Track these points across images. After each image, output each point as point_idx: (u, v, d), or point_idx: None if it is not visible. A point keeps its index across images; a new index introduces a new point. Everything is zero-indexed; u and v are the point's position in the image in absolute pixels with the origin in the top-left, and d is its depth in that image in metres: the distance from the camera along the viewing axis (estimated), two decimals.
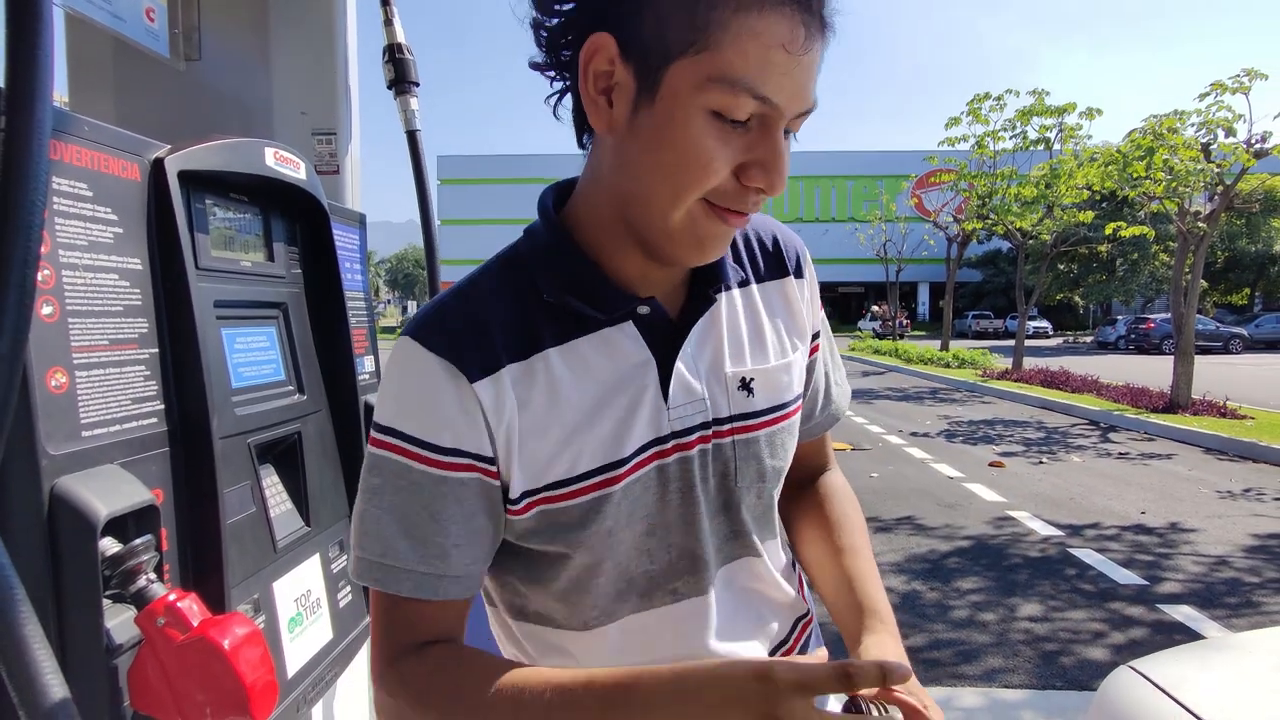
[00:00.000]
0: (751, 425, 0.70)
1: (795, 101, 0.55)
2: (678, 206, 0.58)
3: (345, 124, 1.44)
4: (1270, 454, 7.12)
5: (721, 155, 0.55)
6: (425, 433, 0.60)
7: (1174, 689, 0.83)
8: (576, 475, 0.62)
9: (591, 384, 0.63)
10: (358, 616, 1.22)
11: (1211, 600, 3.69)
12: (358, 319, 1.36)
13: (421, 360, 0.60)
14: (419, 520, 0.60)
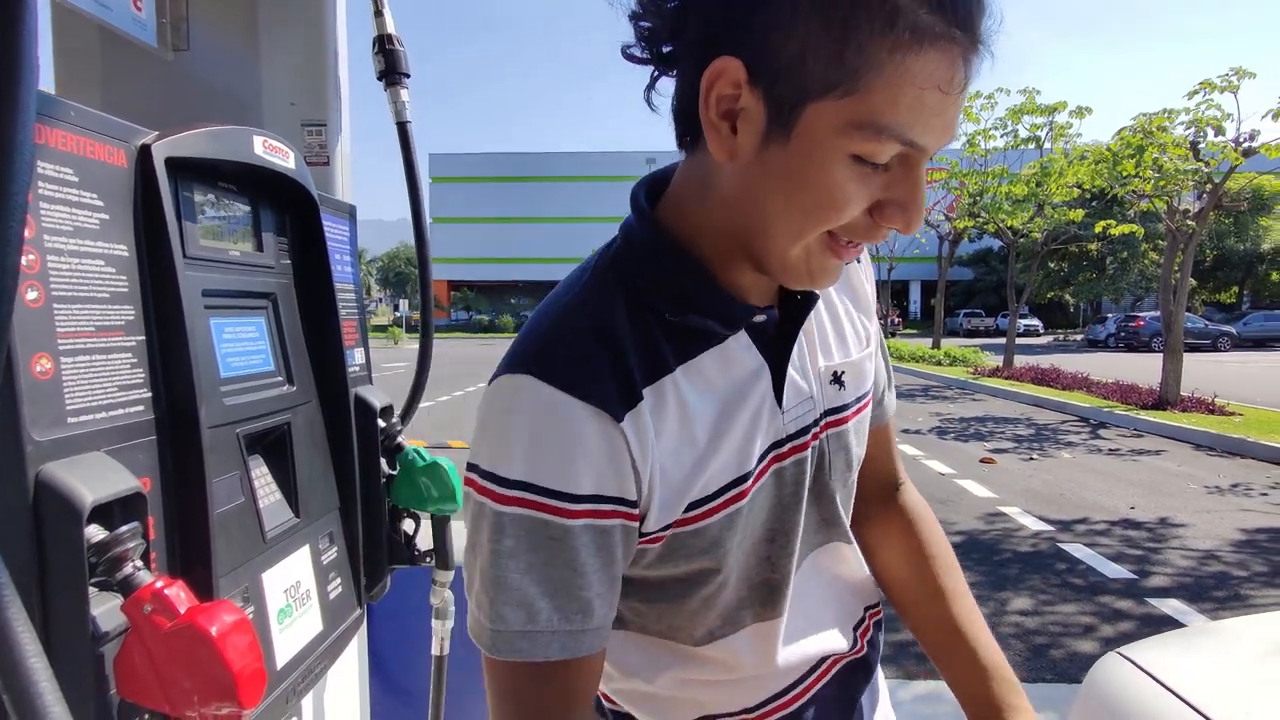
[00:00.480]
0: (843, 418, 0.69)
1: (943, 139, 0.51)
2: (800, 242, 0.55)
3: (335, 115, 1.44)
4: (1258, 450, 7.18)
5: (859, 196, 0.52)
6: (564, 483, 0.54)
7: (1160, 673, 0.84)
8: (711, 494, 0.60)
9: (714, 399, 0.61)
10: (348, 609, 1.21)
11: (1199, 594, 3.72)
12: (348, 311, 1.35)
13: (553, 402, 0.54)
14: (560, 577, 0.55)
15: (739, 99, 0.52)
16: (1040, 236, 15.27)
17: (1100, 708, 0.87)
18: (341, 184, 1.47)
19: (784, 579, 0.67)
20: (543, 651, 0.55)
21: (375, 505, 1.32)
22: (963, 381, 14.06)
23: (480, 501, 0.56)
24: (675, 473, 0.58)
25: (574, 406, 0.53)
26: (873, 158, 0.50)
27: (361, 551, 1.26)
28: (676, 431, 0.59)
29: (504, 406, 0.55)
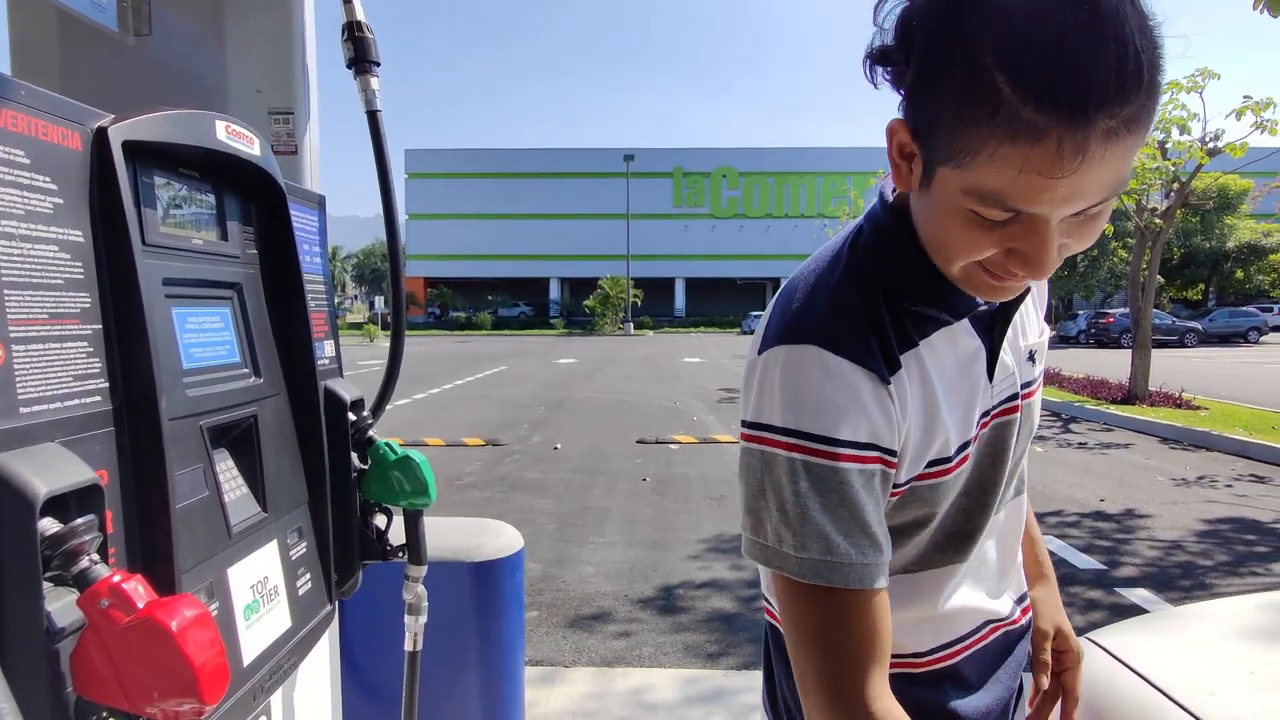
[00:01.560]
0: (1032, 390, 0.80)
1: (1061, 207, 0.55)
2: (950, 265, 0.64)
3: (303, 103, 1.41)
4: (1222, 443, 7.34)
5: (984, 243, 0.60)
6: (850, 433, 0.63)
7: (1127, 658, 0.85)
8: (949, 455, 0.70)
9: (945, 373, 0.71)
10: (318, 605, 1.19)
11: (1166, 583, 3.80)
12: (317, 303, 1.33)
13: (838, 368, 0.64)
14: (850, 515, 0.63)
15: (909, 147, 0.62)
16: None
17: None
18: (310, 173, 1.44)
19: (976, 529, 0.77)
20: (842, 579, 0.63)
21: (346, 500, 1.30)
22: None
23: (773, 452, 0.65)
24: (919, 432, 0.69)
25: (855, 371, 0.64)
26: (987, 216, 0.57)
27: (332, 547, 1.24)
28: (921, 396, 0.69)
29: (795, 371, 0.65)
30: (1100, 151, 0.51)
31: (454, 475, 6.26)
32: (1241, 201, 31.23)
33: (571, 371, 16.85)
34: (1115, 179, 0.54)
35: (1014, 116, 0.51)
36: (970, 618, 0.80)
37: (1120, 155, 0.52)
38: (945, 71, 0.55)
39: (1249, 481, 6.01)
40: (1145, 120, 0.52)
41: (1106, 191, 0.54)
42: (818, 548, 0.63)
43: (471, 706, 1.87)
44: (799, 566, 0.64)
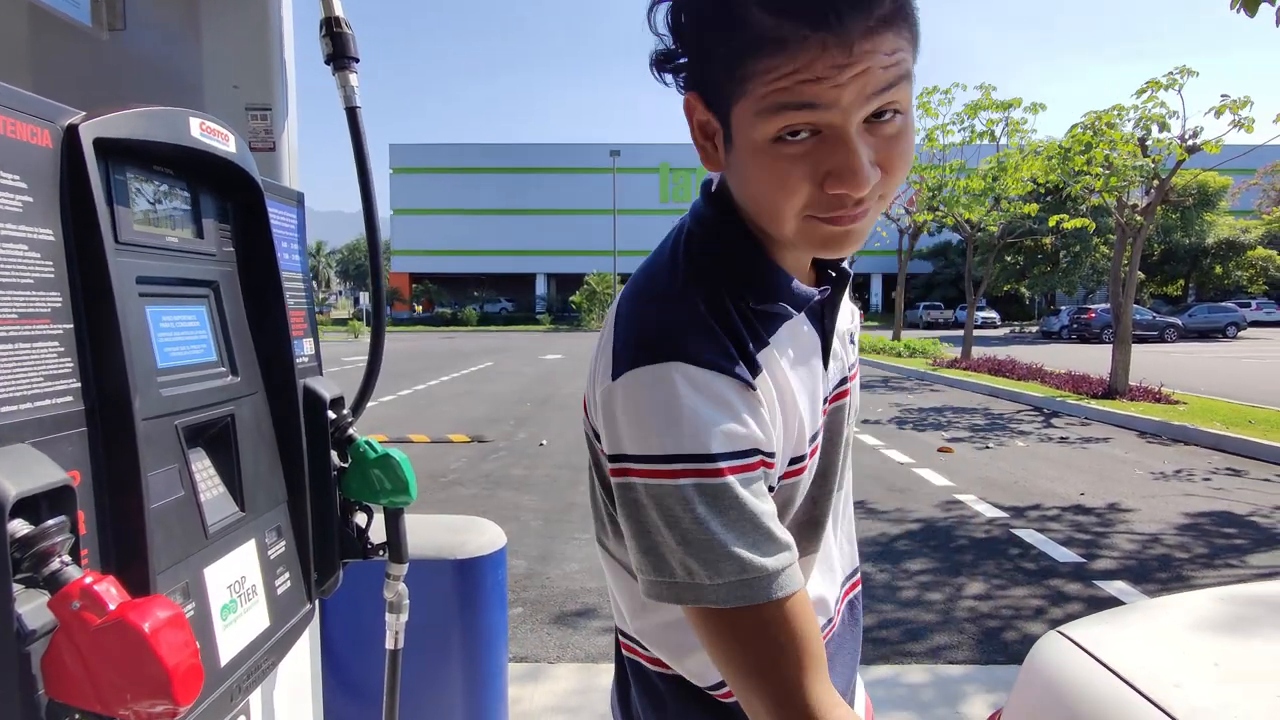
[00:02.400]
0: (854, 373, 0.83)
1: (857, 101, 0.56)
2: (784, 224, 0.62)
3: (281, 99, 1.40)
4: (1201, 437, 7.44)
5: (795, 174, 0.59)
6: (729, 445, 0.61)
7: (1096, 649, 0.86)
8: (806, 451, 0.71)
9: (791, 368, 0.70)
10: (297, 604, 1.19)
11: (1144, 575, 3.85)
12: (296, 300, 1.32)
13: (704, 381, 0.61)
14: (749, 526, 0.61)
15: (709, 121, 0.63)
16: (997, 230, 15.60)
17: (1039, 683, 0.89)
18: (288, 170, 1.43)
19: (823, 515, 0.77)
20: (765, 593, 0.59)
21: (325, 498, 1.29)
22: (922, 373, 14.32)
23: (658, 483, 0.61)
24: (782, 430, 0.68)
25: (720, 381, 0.62)
26: (787, 132, 0.57)
27: (311, 545, 1.24)
28: (777, 396, 0.67)
29: (660, 393, 0.61)
30: (863, 48, 0.54)
31: (438, 472, 6.24)
32: (1220, 198, 31.62)
33: (558, 367, 16.83)
34: (890, 77, 0.56)
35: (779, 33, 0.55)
36: (824, 608, 0.81)
37: (886, 51, 0.55)
38: (715, 22, 0.58)
39: (1226, 475, 6.10)
40: (901, 19, 0.56)
41: (882, 86, 0.56)
42: (732, 569, 0.59)
43: (454, 704, 1.87)
44: (718, 594, 0.59)
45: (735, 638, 0.60)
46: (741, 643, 0.60)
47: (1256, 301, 34.30)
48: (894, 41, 0.56)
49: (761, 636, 0.60)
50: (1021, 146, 13.09)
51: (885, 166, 0.60)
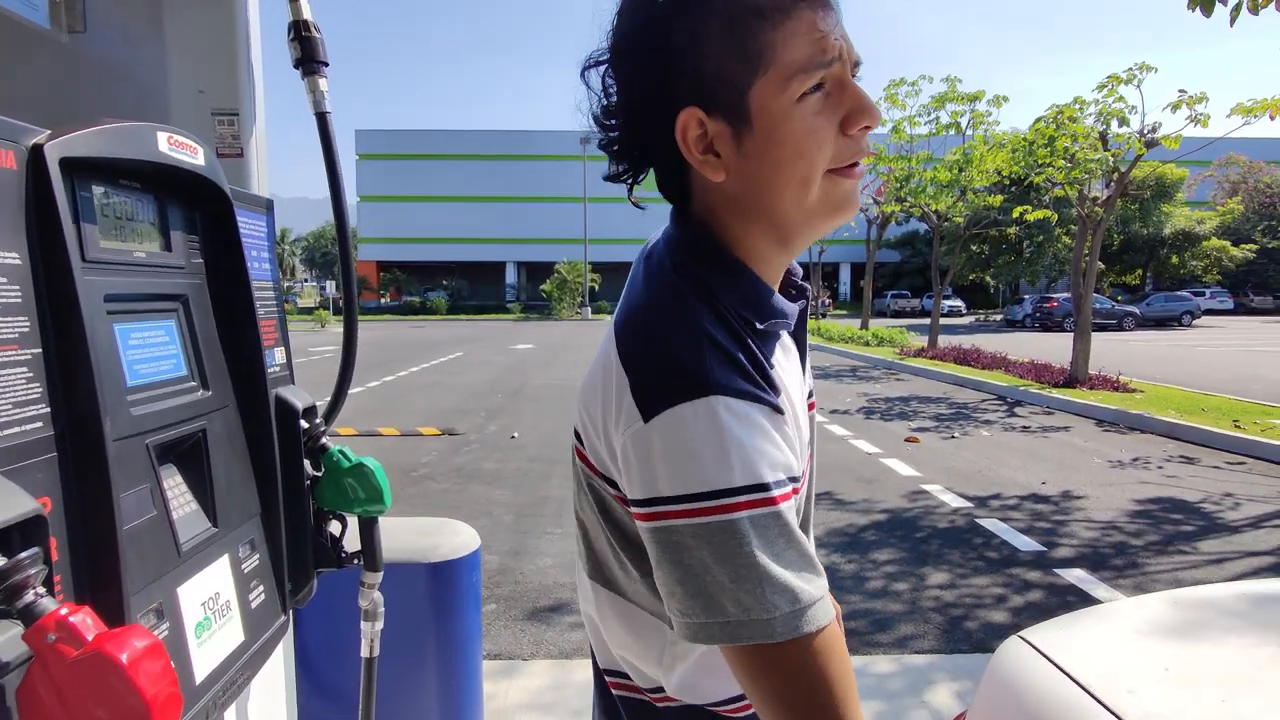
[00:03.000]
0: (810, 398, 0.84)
1: (849, 52, 0.66)
2: (811, 188, 0.67)
3: (249, 103, 1.37)
4: (1156, 425, 7.68)
5: (823, 124, 0.65)
6: (779, 473, 0.62)
7: (1054, 654, 0.90)
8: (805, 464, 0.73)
9: (789, 383, 0.73)
10: (272, 616, 1.19)
11: (1100, 563, 3.98)
12: (267, 310, 1.31)
13: (741, 410, 0.62)
14: (794, 554, 0.61)
15: (706, 132, 0.67)
16: (962, 220, 15.84)
17: (1001, 688, 0.92)
18: (257, 176, 1.41)
19: (807, 519, 0.79)
20: (814, 621, 0.60)
21: (299, 509, 1.29)
22: (889, 362, 14.53)
23: (710, 521, 0.60)
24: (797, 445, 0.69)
25: (756, 410, 0.63)
26: (808, 86, 0.64)
27: (285, 557, 1.24)
28: (790, 413, 0.69)
29: (706, 428, 0.61)
30: (835, 12, 0.65)
31: (409, 466, 6.20)
32: (1177, 190, 32.45)
33: (529, 357, 16.76)
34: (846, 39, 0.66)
35: (793, 4, 0.63)
36: None
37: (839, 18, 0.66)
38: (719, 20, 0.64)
39: (1179, 462, 6.31)
40: None
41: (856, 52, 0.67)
42: (785, 601, 0.59)
43: (429, 706, 1.88)
44: (772, 628, 0.59)
45: (784, 670, 0.60)
46: (791, 674, 0.60)
47: (1210, 291, 35.34)
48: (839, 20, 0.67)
49: (811, 666, 0.60)
50: (986, 138, 13.28)
51: None
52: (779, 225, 0.70)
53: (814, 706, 0.59)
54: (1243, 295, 37.45)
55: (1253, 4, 4.74)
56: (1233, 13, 4.85)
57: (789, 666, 0.60)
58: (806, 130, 0.65)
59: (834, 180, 0.67)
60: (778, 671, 0.60)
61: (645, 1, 0.67)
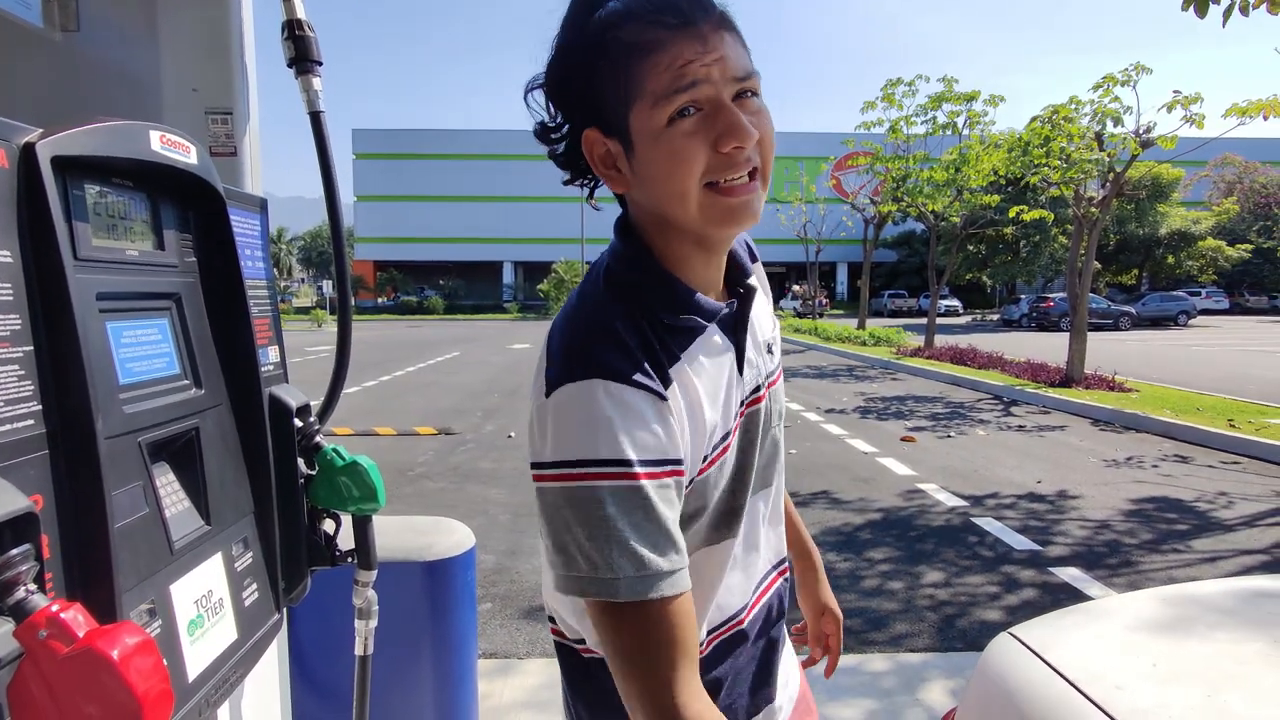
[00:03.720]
0: (775, 379, 0.92)
1: (723, 80, 0.72)
2: (689, 199, 0.73)
3: (242, 102, 1.37)
4: (1151, 424, 7.70)
5: (692, 145, 0.71)
6: (642, 454, 0.69)
7: (1044, 651, 0.91)
8: (714, 447, 0.79)
9: (707, 377, 0.79)
10: (265, 614, 1.19)
11: (1094, 562, 3.99)
12: (260, 308, 1.31)
13: (620, 395, 0.70)
14: (653, 529, 0.69)
15: (607, 149, 0.76)
16: (959, 220, 15.87)
17: (992, 684, 0.93)
18: (251, 175, 1.41)
19: (740, 505, 0.86)
20: (656, 589, 0.68)
21: (293, 507, 1.29)
22: (886, 361, 14.55)
23: (574, 486, 0.69)
24: (692, 435, 0.76)
25: (636, 395, 0.70)
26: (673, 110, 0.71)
27: (279, 555, 1.24)
28: (689, 405, 0.76)
29: (584, 406, 0.70)
30: (714, 40, 0.71)
31: (406, 465, 6.19)
32: (1173, 190, 32.52)
33: (526, 357, 16.75)
34: (743, 65, 0.73)
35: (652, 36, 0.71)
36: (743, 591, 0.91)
37: (731, 46, 0.73)
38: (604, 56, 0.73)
39: (1174, 462, 6.33)
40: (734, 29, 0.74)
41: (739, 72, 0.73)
42: (630, 566, 0.67)
43: (424, 704, 1.88)
44: (614, 587, 0.67)
45: (622, 629, 0.68)
46: (627, 634, 0.68)
47: (1206, 290, 35.44)
48: (734, 42, 0.74)
49: (645, 631, 0.68)
50: (983, 138, 13.30)
51: (754, 126, 0.73)
52: (684, 231, 0.78)
53: (647, 666, 0.68)
54: (1238, 295, 37.57)
55: (1244, 5, 4.76)
56: (1225, 14, 4.87)
57: (629, 626, 0.68)
58: (675, 150, 0.72)
59: (712, 196, 0.73)
60: (618, 629, 0.69)
61: (560, 39, 0.77)
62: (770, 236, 42.27)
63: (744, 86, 0.73)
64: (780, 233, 31.86)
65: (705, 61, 0.71)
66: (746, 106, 0.74)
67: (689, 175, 0.72)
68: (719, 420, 0.80)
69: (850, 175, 41.35)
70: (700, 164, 0.72)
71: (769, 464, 0.93)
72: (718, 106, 0.72)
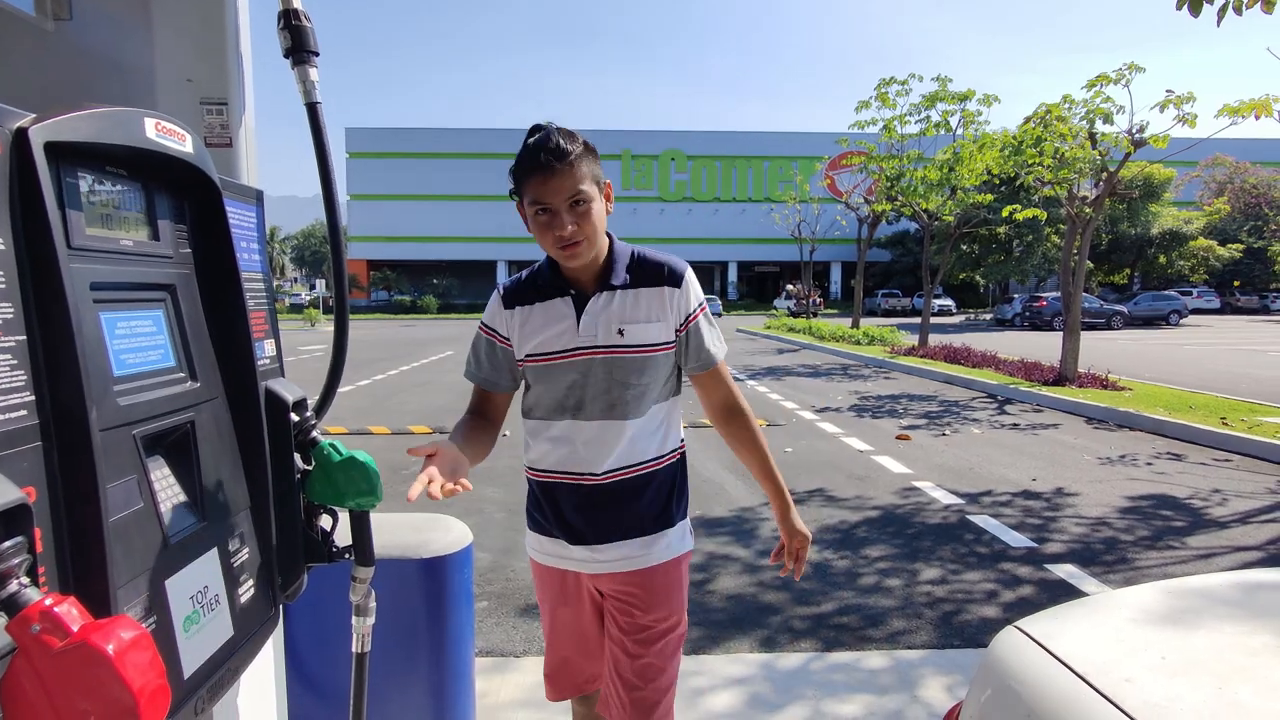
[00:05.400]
0: (621, 351, 1.50)
1: (558, 198, 1.40)
2: (547, 248, 1.47)
3: (238, 92, 1.36)
4: (1144, 422, 7.72)
5: (544, 230, 1.43)
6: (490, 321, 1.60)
7: (1051, 644, 0.90)
8: (540, 354, 1.53)
9: (547, 319, 1.53)
10: (262, 611, 1.17)
11: (1090, 558, 4.00)
12: (256, 301, 1.30)
13: (496, 299, 1.59)
14: (480, 354, 1.62)
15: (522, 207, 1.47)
16: (953, 219, 15.90)
17: (997, 677, 0.92)
18: (247, 166, 1.39)
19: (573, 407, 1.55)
20: (472, 379, 1.64)
21: (289, 503, 1.27)
22: (880, 360, 14.57)
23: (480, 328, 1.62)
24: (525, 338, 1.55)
25: (498, 299, 1.60)
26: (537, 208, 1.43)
27: (275, 551, 1.22)
28: (522, 322, 1.56)
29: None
30: (559, 174, 1.38)
31: (400, 464, 6.17)
32: (1165, 190, 32.66)
33: None
34: (575, 185, 1.39)
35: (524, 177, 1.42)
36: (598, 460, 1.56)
37: (574, 174, 1.39)
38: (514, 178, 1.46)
39: (1167, 459, 6.35)
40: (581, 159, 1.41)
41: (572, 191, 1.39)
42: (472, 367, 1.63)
43: (422, 703, 1.87)
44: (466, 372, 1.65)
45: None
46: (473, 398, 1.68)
47: (1197, 290, 35.61)
48: (579, 170, 1.39)
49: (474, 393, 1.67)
50: (976, 137, 13.33)
51: (581, 224, 1.40)
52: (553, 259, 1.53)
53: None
54: (1229, 295, 37.76)
55: (1237, 4, 4.78)
56: (1219, 12, 4.88)
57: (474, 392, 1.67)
58: (537, 229, 1.44)
59: (557, 250, 1.44)
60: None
61: None
62: (765, 236, 42.31)
63: (577, 196, 1.39)
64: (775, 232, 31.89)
65: (549, 188, 1.38)
66: (576, 209, 1.40)
67: (543, 241, 1.44)
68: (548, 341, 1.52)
69: (844, 174, 41.40)
70: (548, 240, 1.43)
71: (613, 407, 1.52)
72: (554, 212, 1.40)
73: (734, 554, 4.03)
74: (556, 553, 1.63)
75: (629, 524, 1.57)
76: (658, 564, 1.59)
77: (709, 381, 1.60)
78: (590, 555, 1.58)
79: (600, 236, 1.46)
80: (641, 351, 1.50)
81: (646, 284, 1.51)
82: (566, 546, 1.60)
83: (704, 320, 1.57)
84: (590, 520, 1.57)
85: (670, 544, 1.61)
